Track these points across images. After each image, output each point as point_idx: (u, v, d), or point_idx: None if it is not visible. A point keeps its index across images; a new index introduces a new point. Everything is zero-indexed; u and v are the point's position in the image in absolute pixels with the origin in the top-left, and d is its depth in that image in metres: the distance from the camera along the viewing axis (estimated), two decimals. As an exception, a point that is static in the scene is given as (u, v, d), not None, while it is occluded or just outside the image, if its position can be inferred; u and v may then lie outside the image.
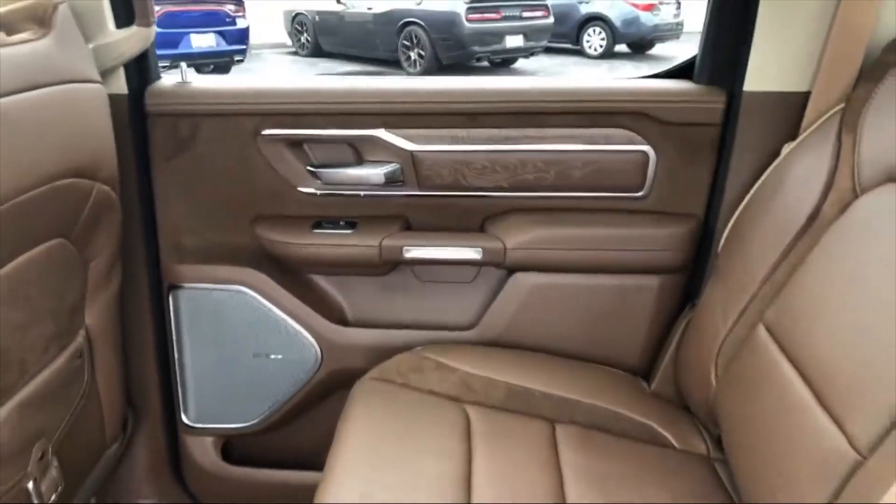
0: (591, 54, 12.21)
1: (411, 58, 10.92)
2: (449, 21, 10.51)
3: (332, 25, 12.08)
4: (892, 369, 0.87)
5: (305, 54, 12.64)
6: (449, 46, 10.58)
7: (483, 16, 10.52)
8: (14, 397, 1.09)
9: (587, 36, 12.32)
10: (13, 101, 0.98)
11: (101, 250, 1.28)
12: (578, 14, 12.29)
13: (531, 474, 1.16)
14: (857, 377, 0.93)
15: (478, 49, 10.57)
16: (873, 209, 1.06)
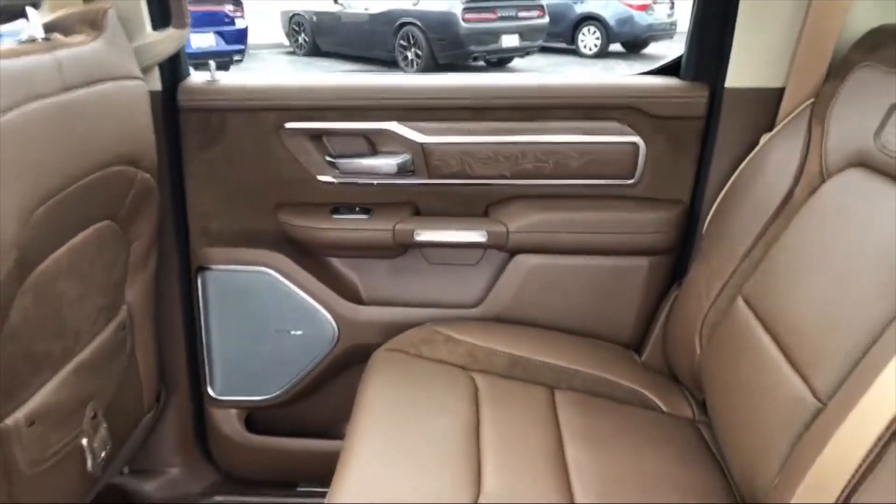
0: (586, 54, 12.33)
1: (408, 57, 11.02)
2: (445, 21, 10.62)
3: (330, 25, 12.17)
4: (850, 330, 1.01)
5: (303, 54, 12.73)
6: (445, 46, 10.69)
7: (479, 16, 10.63)
8: (72, 361, 1.21)
9: (582, 35, 12.43)
10: (78, 95, 1.10)
11: (141, 233, 1.41)
12: (573, 14, 12.40)
13: (533, 432, 1.29)
14: (822, 338, 1.06)
15: (474, 49, 10.68)
16: (838, 191, 1.20)
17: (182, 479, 1.77)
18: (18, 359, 1.06)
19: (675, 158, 1.56)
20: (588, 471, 1.21)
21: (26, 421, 1.08)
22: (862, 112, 1.20)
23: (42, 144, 1.02)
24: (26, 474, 1.11)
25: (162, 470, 1.77)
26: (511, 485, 1.15)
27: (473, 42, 10.62)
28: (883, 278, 1.00)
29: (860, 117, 1.20)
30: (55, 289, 1.13)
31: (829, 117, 1.27)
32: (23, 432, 1.08)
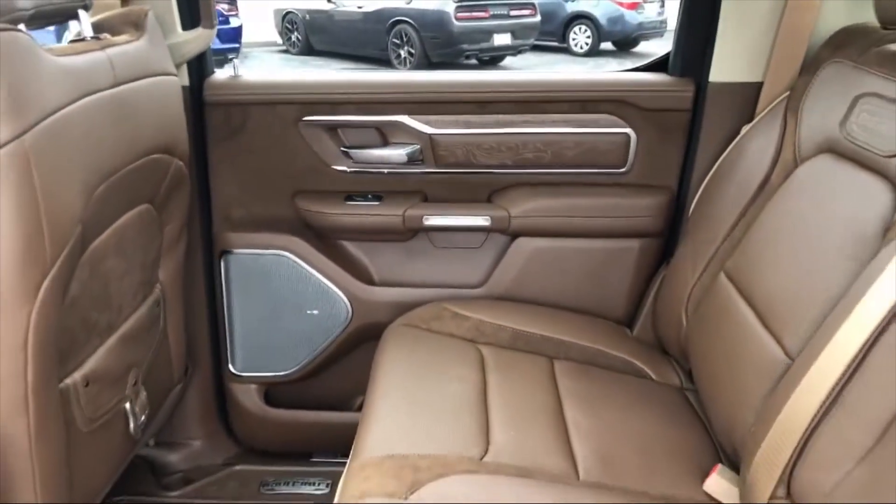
0: (578, 52, 12.44)
1: (401, 56, 11.12)
2: (438, 19, 10.72)
3: (323, 24, 12.23)
4: (817, 295, 1.14)
5: (296, 52, 12.79)
6: (438, 44, 10.79)
7: (471, 14, 10.74)
8: (117, 332, 1.33)
9: (573, 34, 12.54)
10: (126, 89, 1.23)
11: (173, 217, 1.53)
12: (564, 12, 12.51)
13: (535, 395, 1.42)
14: (792, 303, 1.19)
15: (467, 47, 10.79)
16: (809, 175, 1.33)
17: (204, 451, 1.89)
18: (76, 326, 1.18)
19: (663, 148, 1.70)
20: (584, 428, 1.33)
21: (83, 381, 1.20)
22: (830, 104, 1.33)
23: (99, 132, 1.14)
24: (82, 431, 1.22)
25: (185, 442, 1.89)
26: (515, 441, 1.27)
27: (466, 40, 10.73)
28: (846, 250, 1.13)
29: (828, 109, 1.33)
30: (104, 265, 1.25)
31: (802, 109, 1.41)
32: (80, 392, 1.20)
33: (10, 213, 0.97)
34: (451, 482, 1.12)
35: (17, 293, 1.01)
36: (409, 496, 1.08)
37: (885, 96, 1.19)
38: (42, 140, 1.00)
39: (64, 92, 1.07)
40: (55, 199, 1.03)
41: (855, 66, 1.32)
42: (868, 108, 1.23)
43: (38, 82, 1.01)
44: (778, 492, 1.03)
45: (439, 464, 1.16)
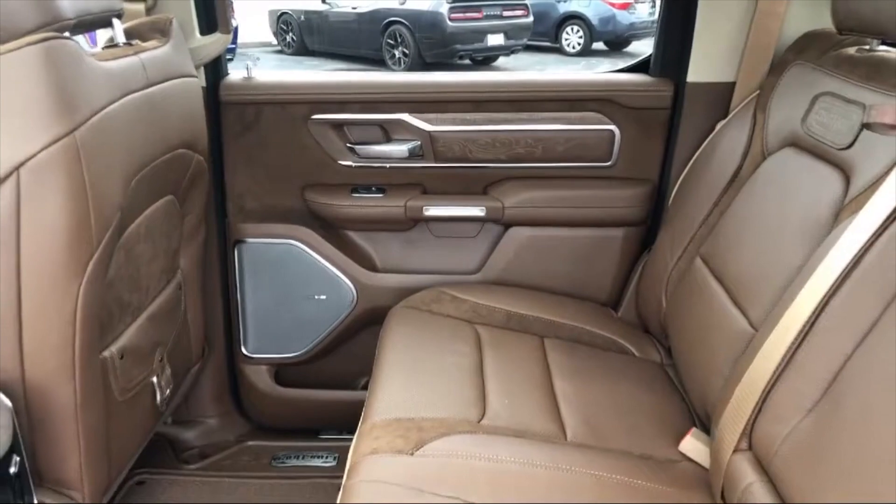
0: (570, 52, 12.54)
1: (395, 56, 11.22)
2: (432, 20, 10.82)
3: (317, 24, 12.30)
4: (778, 272, 1.27)
5: (291, 53, 12.87)
6: (432, 45, 10.89)
7: (465, 15, 10.85)
8: (145, 312, 1.46)
9: (566, 34, 12.63)
10: (156, 89, 1.35)
11: (193, 207, 1.66)
12: (557, 13, 12.60)
13: (527, 369, 1.56)
14: (757, 280, 1.33)
15: (460, 47, 10.90)
16: (775, 167, 1.47)
17: (218, 428, 2.02)
18: (112, 304, 1.31)
19: (645, 143, 1.83)
20: (572, 397, 1.47)
21: (119, 354, 1.33)
22: (793, 102, 1.47)
23: (134, 129, 1.27)
24: (117, 400, 1.35)
25: (200, 420, 2.02)
26: (509, 407, 1.41)
27: (459, 41, 10.84)
28: (803, 232, 1.27)
29: (792, 106, 1.47)
30: (136, 250, 1.38)
31: (770, 107, 1.55)
32: (116, 363, 1.33)
33: (63, 200, 1.10)
34: (453, 440, 1.25)
35: (69, 270, 1.13)
36: (415, 452, 1.22)
37: (840, 95, 1.33)
38: (89, 136, 1.13)
39: (106, 92, 1.20)
40: (100, 188, 1.16)
41: (815, 67, 1.46)
42: (825, 106, 1.37)
43: (84, 84, 1.14)
44: (741, 444, 1.17)
45: (441, 425, 1.29)
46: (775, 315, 1.19)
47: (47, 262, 1.12)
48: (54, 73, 1.09)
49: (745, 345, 1.28)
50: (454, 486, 1.15)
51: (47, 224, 1.10)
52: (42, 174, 1.08)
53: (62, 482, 1.24)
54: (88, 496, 1.27)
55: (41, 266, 1.12)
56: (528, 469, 1.22)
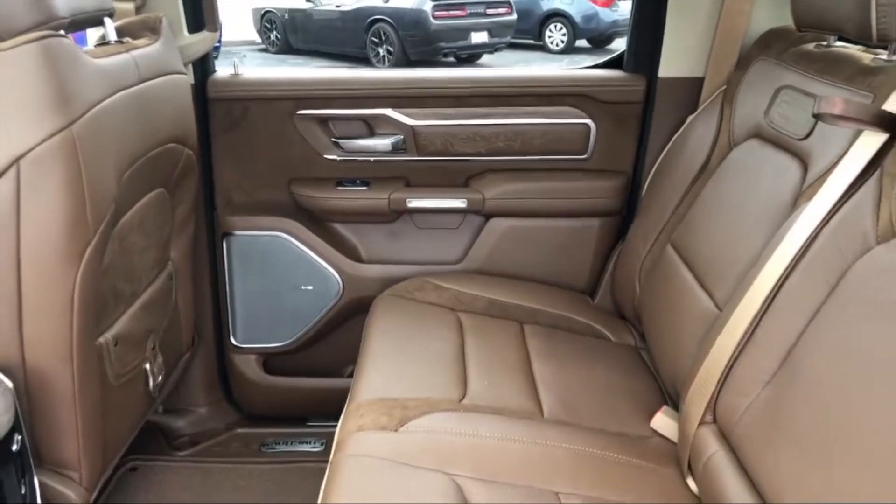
0: (553, 49, 12.63)
1: (380, 54, 11.27)
2: (416, 18, 10.89)
3: (301, 23, 12.32)
4: (740, 256, 1.35)
5: (275, 51, 12.88)
6: (416, 42, 10.95)
7: (449, 13, 10.93)
8: (138, 300, 1.52)
9: (549, 32, 12.71)
10: (148, 86, 1.41)
11: (183, 200, 1.71)
12: (540, 11, 12.68)
13: (507, 353, 1.62)
14: (722, 264, 1.40)
15: (444, 45, 10.97)
16: (740, 157, 1.55)
17: (208, 416, 2.07)
18: (107, 292, 1.36)
19: (619, 136, 1.90)
20: (549, 380, 1.54)
21: (113, 341, 1.38)
22: (757, 95, 1.55)
23: (127, 123, 1.33)
24: (112, 385, 1.41)
25: (191, 409, 2.07)
26: (489, 387, 1.47)
27: (443, 38, 10.91)
28: (765, 218, 1.34)
29: (756, 100, 1.55)
30: (129, 240, 1.43)
31: (736, 100, 1.63)
32: (111, 349, 1.38)
33: (61, 191, 1.15)
34: (435, 417, 1.32)
35: (66, 258, 1.19)
36: (399, 428, 1.28)
37: (799, 88, 1.41)
38: (85, 129, 1.18)
39: (100, 88, 1.25)
40: (95, 179, 1.21)
41: (777, 62, 1.53)
42: (786, 99, 1.44)
43: (80, 80, 1.20)
44: (706, 417, 1.25)
45: (424, 404, 1.35)
46: (737, 296, 1.26)
47: (46, 251, 1.17)
48: (52, 70, 1.14)
49: (710, 325, 1.35)
50: (436, 459, 1.21)
51: (46, 214, 1.16)
52: (41, 166, 1.13)
53: (61, 462, 1.29)
54: (86, 476, 1.32)
55: (40, 254, 1.17)
56: (506, 443, 1.29)
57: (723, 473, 1.14)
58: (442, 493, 1.14)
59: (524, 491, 1.18)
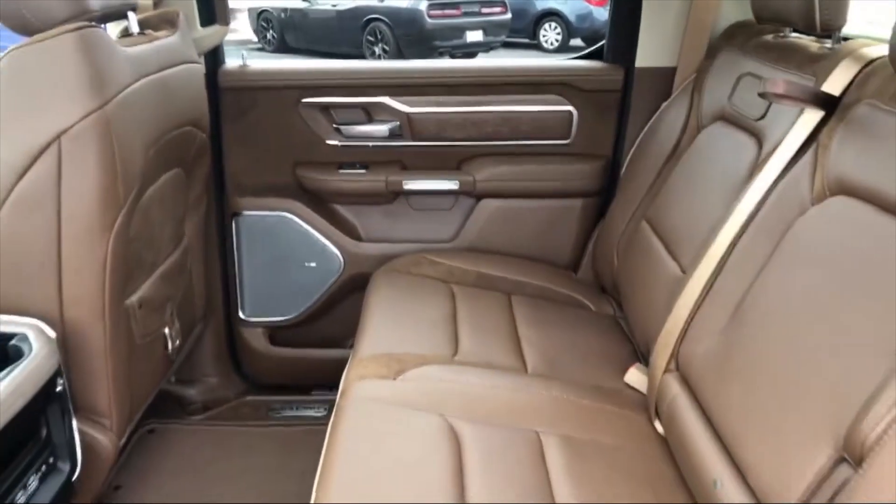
0: (548, 48, 12.74)
1: (375, 52, 11.38)
2: (411, 17, 11.00)
3: (298, 22, 12.40)
4: (703, 225, 1.49)
5: (271, 50, 12.96)
6: (412, 41, 11.07)
7: (444, 12, 11.04)
8: (158, 269, 1.66)
9: (543, 31, 12.78)
10: (167, 73, 1.55)
11: (196, 180, 1.86)
12: (534, 10, 12.76)
13: (494, 318, 1.77)
14: (687, 233, 1.56)
15: (439, 44, 11.08)
16: (707, 138, 1.70)
17: (218, 386, 2.21)
18: (133, 259, 1.51)
19: (599, 122, 2.06)
20: (534, 341, 1.69)
21: (138, 304, 1.53)
22: (722, 82, 1.70)
23: (151, 106, 1.47)
24: (138, 343, 1.55)
25: (202, 379, 2.21)
26: (478, 346, 1.62)
27: (438, 37, 11.02)
28: (724, 191, 1.49)
29: (721, 86, 1.70)
30: (151, 213, 1.57)
31: (704, 88, 1.78)
32: (136, 312, 1.52)
33: (97, 164, 1.30)
34: (429, 369, 1.47)
35: (100, 225, 1.33)
36: (397, 377, 1.43)
37: (757, 75, 1.56)
38: (117, 110, 1.33)
39: (129, 74, 1.40)
40: (125, 155, 1.36)
41: (740, 52, 1.69)
42: (746, 85, 1.60)
43: (112, 66, 1.34)
44: (670, 366, 1.40)
45: (420, 358, 1.51)
46: (698, 259, 1.42)
47: (83, 218, 1.32)
48: (88, 57, 1.29)
49: (675, 289, 1.50)
50: (430, 402, 1.36)
51: (83, 185, 1.30)
52: (79, 142, 1.28)
53: (94, 410, 1.43)
54: (116, 423, 1.47)
55: (78, 221, 1.32)
56: (493, 391, 1.44)
57: (682, 411, 1.30)
58: (436, 430, 1.29)
59: (508, 430, 1.33)
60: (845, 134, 1.19)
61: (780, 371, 1.09)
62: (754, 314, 1.21)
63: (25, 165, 1.27)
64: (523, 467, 1.24)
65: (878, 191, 1.06)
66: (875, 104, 1.15)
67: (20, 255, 1.31)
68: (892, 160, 1.06)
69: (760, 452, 1.07)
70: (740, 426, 1.14)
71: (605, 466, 1.28)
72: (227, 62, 2.05)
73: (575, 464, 1.26)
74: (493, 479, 1.19)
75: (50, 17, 1.30)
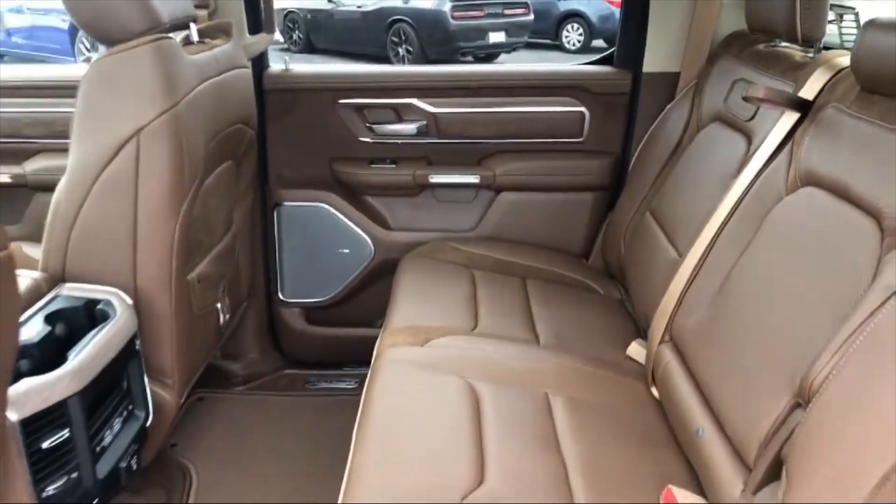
0: (570, 49, 12.85)
1: (399, 53, 11.55)
2: (435, 18, 11.16)
3: (323, 23, 12.61)
4: (698, 212, 1.67)
5: (297, 51, 13.19)
6: (435, 42, 11.22)
7: (467, 13, 11.19)
8: (213, 251, 1.88)
9: (566, 32, 12.88)
10: (224, 77, 1.77)
11: (245, 173, 2.07)
12: (557, 11, 12.87)
13: (511, 298, 1.97)
14: (684, 219, 1.74)
15: (463, 44, 11.23)
16: (705, 137, 1.88)
17: (259, 361, 2.43)
18: (192, 240, 1.72)
19: (609, 122, 2.24)
20: (546, 319, 1.88)
21: (197, 279, 1.74)
22: (720, 87, 1.88)
23: (211, 107, 1.69)
24: (196, 315, 1.77)
25: (244, 355, 2.43)
26: (495, 322, 1.82)
27: (462, 38, 11.17)
28: (718, 183, 1.67)
29: (719, 90, 1.88)
30: (209, 200, 1.79)
31: (704, 91, 1.96)
32: (195, 286, 1.74)
33: (168, 155, 1.51)
34: (452, 338, 1.67)
35: (170, 208, 1.55)
36: (424, 344, 1.63)
37: (748, 80, 1.74)
38: (185, 109, 1.54)
39: (194, 78, 1.61)
40: (191, 148, 1.57)
41: (735, 60, 1.87)
42: (739, 89, 1.78)
43: (182, 71, 1.56)
44: (665, 337, 1.59)
45: (443, 329, 1.71)
46: (692, 242, 1.60)
47: (156, 201, 1.53)
48: (162, 64, 1.50)
49: (673, 269, 1.69)
50: (453, 366, 1.56)
51: (157, 173, 1.52)
52: (154, 136, 1.49)
53: (160, 370, 1.65)
54: (177, 382, 1.68)
55: (152, 204, 1.53)
56: (508, 358, 1.64)
57: (674, 374, 1.49)
58: (458, 389, 1.48)
59: (521, 390, 1.52)
60: (815, 133, 1.37)
61: (753, 335, 1.28)
62: (736, 289, 1.40)
63: (110, 156, 1.49)
64: (533, 421, 1.44)
65: (839, 182, 1.24)
66: (839, 108, 1.33)
67: (103, 233, 1.53)
68: (850, 157, 1.24)
69: (734, 404, 1.26)
70: (719, 383, 1.33)
71: (604, 423, 1.47)
72: (271, 66, 2.27)
73: (578, 420, 1.45)
74: (506, 429, 1.39)
75: (128, 29, 1.52)
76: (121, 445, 1.44)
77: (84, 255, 1.54)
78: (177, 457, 2.00)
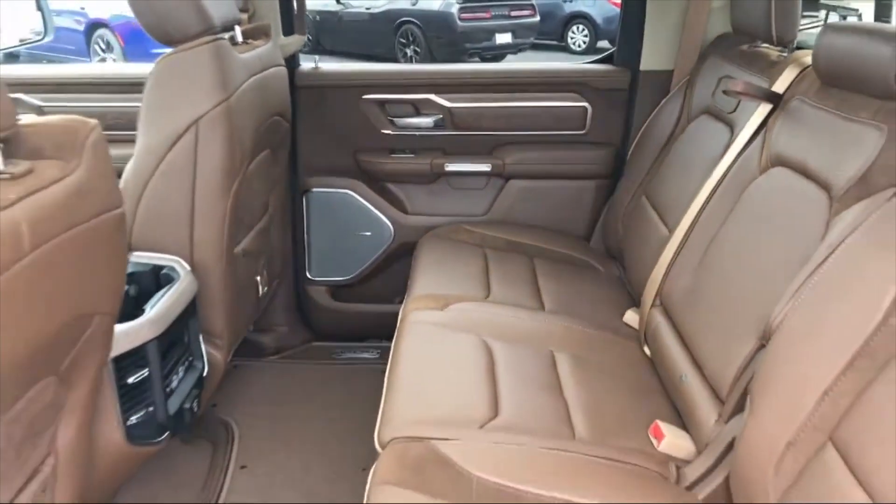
0: (576, 50, 13.00)
1: (407, 54, 11.71)
2: (442, 20, 11.32)
3: (332, 24, 12.72)
4: (687, 194, 1.88)
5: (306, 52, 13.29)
6: (443, 43, 11.38)
7: (474, 15, 11.35)
8: (254, 228, 2.10)
9: (571, 33, 13.01)
10: (266, 74, 1.99)
11: (279, 161, 2.30)
12: (562, 12, 13.01)
13: (519, 273, 2.18)
14: (675, 200, 1.96)
15: (470, 46, 11.39)
16: (695, 128, 2.10)
17: (289, 334, 2.66)
18: (237, 218, 1.94)
19: (610, 116, 2.46)
20: (551, 290, 2.10)
21: (242, 253, 1.97)
22: (708, 83, 2.10)
23: (256, 100, 1.91)
24: (241, 284, 1.99)
25: (274, 329, 2.65)
26: (505, 292, 2.04)
27: (469, 39, 11.33)
28: (703, 168, 1.88)
29: (707, 85, 2.10)
30: (252, 183, 2.01)
31: (694, 87, 2.18)
32: (240, 259, 1.96)
33: (222, 142, 1.73)
34: (467, 305, 1.89)
35: (223, 188, 1.77)
36: (443, 309, 1.85)
37: (732, 77, 1.96)
38: (236, 102, 1.76)
39: (243, 74, 1.83)
40: (240, 136, 1.79)
41: (722, 58, 2.08)
42: (725, 85, 1.99)
43: (233, 68, 1.78)
44: (655, 302, 1.81)
45: (460, 297, 1.93)
46: (679, 219, 1.82)
47: (212, 183, 1.75)
48: (218, 62, 1.72)
49: (663, 246, 1.90)
50: (469, 326, 1.78)
51: (212, 157, 1.74)
52: (210, 125, 1.72)
53: (212, 331, 1.87)
54: (225, 344, 1.90)
55: (208, 185, 1.75)
56: (518, 321, 1.86)
57: (662, 332, 1.71)
58: (474, 345, 1.71)
59: (529, 347, 1.74)
60: (783, 121, 1.59)
61: (728, 294, 1.50)
62: (715, 257, 1.62)
63: (172, 142, 1.71)
64: (540, 372, 1.66)
65: (799, 161, 1.46)
66: (803, 99, 1.55)
67: (166, 209, 1.75)
68: (809, 140, 1.46)
69: (712, 350, 1.48)
70: (701, 336, 1.55)
71: (602, 375, 1.69)
72: (301, 65, 2.49)
73: (579, 372, 1.67)
74: (516, 377, 1.61)
75: (186, 31, 1.74)
76: (185, 389, 1.66)
77: (148, 229, 1.76)
78: (218, 415, 2.22)
